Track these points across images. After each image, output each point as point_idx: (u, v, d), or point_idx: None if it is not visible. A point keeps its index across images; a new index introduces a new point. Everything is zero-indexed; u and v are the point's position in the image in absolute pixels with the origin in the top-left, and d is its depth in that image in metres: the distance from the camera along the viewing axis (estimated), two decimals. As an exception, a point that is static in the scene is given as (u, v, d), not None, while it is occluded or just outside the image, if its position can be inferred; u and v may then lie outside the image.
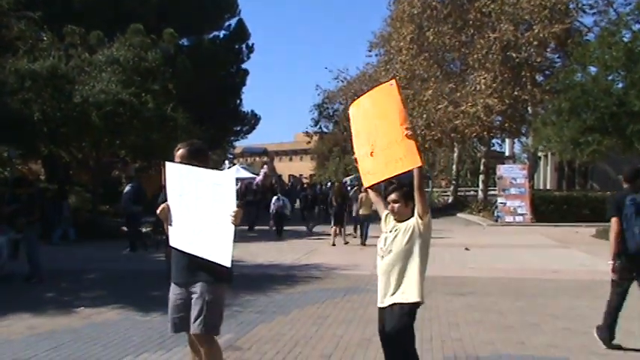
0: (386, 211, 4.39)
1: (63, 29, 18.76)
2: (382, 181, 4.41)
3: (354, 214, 17.76)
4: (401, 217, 4.25)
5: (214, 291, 4.27)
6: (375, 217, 11.55)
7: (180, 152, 4.36)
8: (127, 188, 16.32)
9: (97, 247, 15.65)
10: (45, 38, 18.15)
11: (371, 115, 4.34)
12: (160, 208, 4.36)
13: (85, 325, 7.51)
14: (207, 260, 4.09)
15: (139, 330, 7.09)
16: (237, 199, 4.08)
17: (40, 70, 16.28)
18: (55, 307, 8.53)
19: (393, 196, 4.26)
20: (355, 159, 4.53)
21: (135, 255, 14.65)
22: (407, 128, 3.97)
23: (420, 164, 3.99)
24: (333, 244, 16.74)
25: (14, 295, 9.54)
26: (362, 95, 4.64)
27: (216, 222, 4.05)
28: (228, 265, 4.00)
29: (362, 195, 16.42)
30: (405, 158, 3.99)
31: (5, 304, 8.56)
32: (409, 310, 4.11)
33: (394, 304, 4.11)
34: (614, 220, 6.19)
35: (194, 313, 4.23)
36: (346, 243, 17.26)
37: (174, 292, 4.38)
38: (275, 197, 20.68)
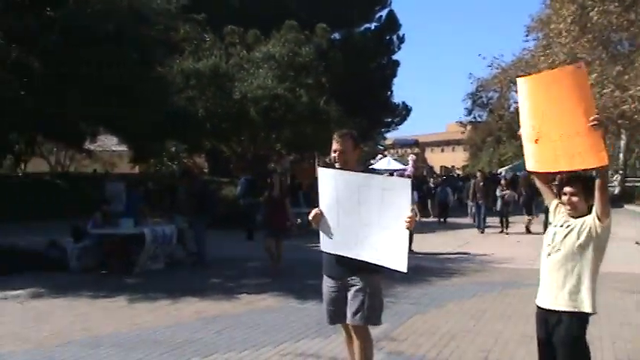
0: (556, 201, 3.88)
1: (223, 29, 19.76)
2: (553, 174, 3.99)
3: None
4: (576, 213, 3.71)
5: (372, 282, 4.28)
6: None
7: (335, 138, 4.36)
8: (242, 181, 16.97)
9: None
10: (207, 39, 19.23)
11: (545, 98, 3.80)
12: (312, 214, 4.32)
13: (247, 310, 7.86)
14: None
15: (297, 317, 7.30)
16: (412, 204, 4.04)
17: (204, 69, 17.32)
18: (220, 293, 9.01)
19: (570, 189, 3.71)
20: (519, 135, 3.99)
21: (251, 243, 15.14)
22: (594, 119, 3.47)
23: (606, 163, 3.48)
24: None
25: (183, 280, 10.20)
26: (538, 73, 4.21)
27: (386, 227, 3.98)
28: (405, 270, 3.94)
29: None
30: (585, 154, 3.50)
31: (176, 290, 9.18)
32: (579, 321, 3.66)
33: (563, 312, 3.67)
34: None
35: (354, 305, 4.24)
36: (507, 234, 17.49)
37: (328, 284, 4.42)
38: (439, 188, 21.97)
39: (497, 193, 18.27)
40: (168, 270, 11.23)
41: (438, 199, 22.41)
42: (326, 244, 4.32)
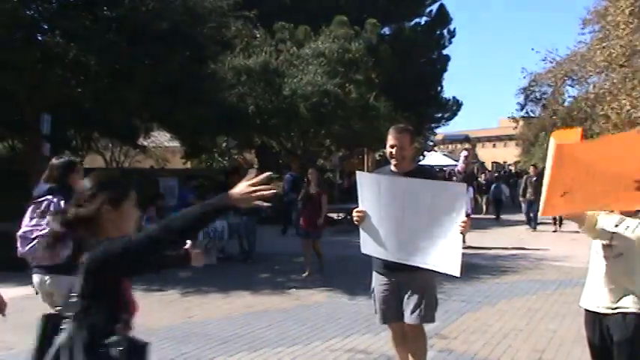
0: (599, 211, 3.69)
1: (273, 25, 19.88)
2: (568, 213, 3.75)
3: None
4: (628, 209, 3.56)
5: (428, 280, 4.25)
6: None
7: (392, 134, 4.31)
8: (287, 177, 17.06)
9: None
10: (258, 35, 19.38)
11: (589, 162, 3.28)
12: (357, 214, 4.21)
13: (296, 305, 7.93)
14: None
15: (346, 313, 7.32)
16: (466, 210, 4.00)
17: (254, 66, 17.48)
18: (270, 287, 9.11)
19: None
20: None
21: (285, 237, 15.51)
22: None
23: None
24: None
25: (234, 275, 10.35)
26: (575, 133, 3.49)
27: (438, 232, 3.93)
28: (458, 275, 3.91)
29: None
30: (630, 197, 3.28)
31: (227, 284, 9.32)
32: None
33: (627, 312, 3.50)
34: None
35: (411, 303, 4.23)
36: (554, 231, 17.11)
37: (379, 282, 4.39)
38: (493, 184, 22.35)
39: None
40: (219, 264, 11.38)
41: (492, 195, 22.21)
42: (367, 247, 4.26)
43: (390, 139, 4.29)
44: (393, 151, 4.27)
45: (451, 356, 5.66)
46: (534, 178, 17.82)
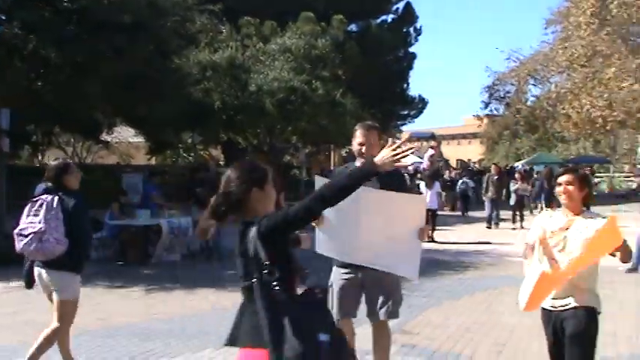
0: (543, 218, 3.98)
1: (239, 20, 19.76)
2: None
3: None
4: (571, 202, 3.77)
5: (394, 276, 4.28)
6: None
7: (360, 131, 4.29)
8: None
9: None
10: (223, 30, 19.25)
11: None
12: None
13: (261, 301, 7.88)
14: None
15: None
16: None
17: (220, 61, 17.35)
18: (235, 284, 9.00)
19: (566, 178, 3.79)
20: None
21: None
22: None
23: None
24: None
25: (198, 272, 10.26)
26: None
27: (397, 238, 4.05)
28: (417, 280, 4.12)
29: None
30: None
31: (191, 280, 9.23)
32: (593, 315, 3.68)
33: (578, 307, 3.66)
34: None
35: (379, 300, 4.27)
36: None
37: (341, 277, 4.33)
38: (460, 181, 22.46)
39: (511, 187, 18.14)
40: (184, 261, 11.29)
41: (459, 192, 22.46)
42: (322, 247, 4.25)
43: (358, 137, 4.27)
44: (362, 148, 4.25)
45: (414, 351, 5.69)
46: (496, 177, 17.90)
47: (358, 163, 4.33)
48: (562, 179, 3.82)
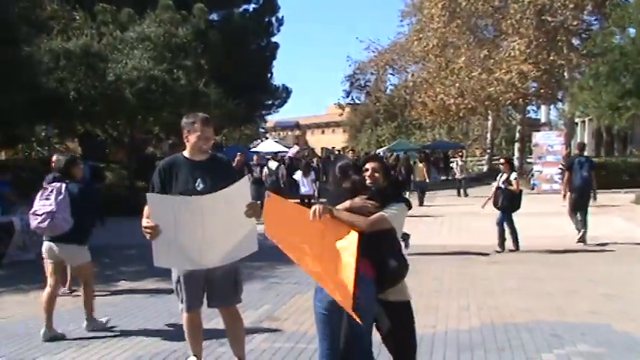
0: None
1: (94, 8, 18.89)
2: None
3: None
4: (376, 186, 3.92)
5: (235, 264, 4.45)
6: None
7: (198, 125, 4.44)
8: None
9: (133, 223, 15.92)
10: (77, 17, 18.32)
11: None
12: (148, 231, 4.15)
13: (126, 298, 7.70)
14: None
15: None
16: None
17: (74, 49, 16.45)
18: (99, 281, 8.71)
19: (372, 164, 3.95)
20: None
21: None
22: None
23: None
24: None
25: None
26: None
27: (233, 227, 4.18)
28: (256, 248, 4.23)
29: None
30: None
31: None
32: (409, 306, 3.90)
33: (395, 301, 3.82)
34: None
35: (225, 287, 4.44)
36: None
37: (185, 271, 4.42)
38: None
39: None
40: (40, 261, 10.69)
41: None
42: (162, 260, 4.27)
43: (200, 130, 4.40)
44: (208, 142, 4.44)
45: (282, 336, 5.81)
46: None
47: (187, 153, 4.48)
48: (368, 165, 3.94)
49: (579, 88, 20.33)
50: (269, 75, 33.34)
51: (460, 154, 23.61)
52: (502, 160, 12.28)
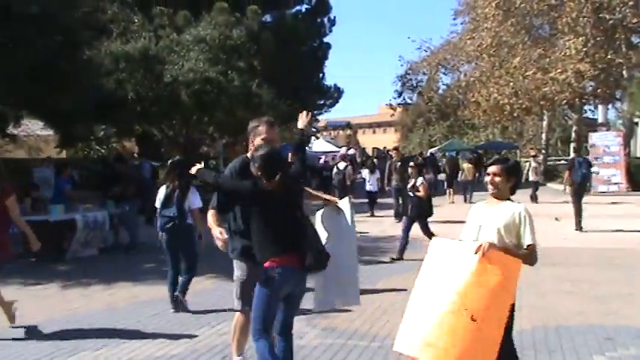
0: None
1: (152, 11, 19.40)
2: None
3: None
4: (499, 192, 4.00)
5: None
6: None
7: (263, 128, 4.49)
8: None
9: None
10: (136, 20, 18.84)
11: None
12: (222, 239, 4.46)
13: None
14: None
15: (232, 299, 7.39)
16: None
17: (133, 52, 16.98)
18: (155, 277, 9.00)
19: (493, 169, 3.98)
20: None
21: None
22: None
23: None
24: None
25: (116, 266, 10.13)
26: None
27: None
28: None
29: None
30: None
31: (110, 274, 9.12)
32: None
33: None
34: None
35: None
36: None
37: (246, 270, 4.62)
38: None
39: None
40: (101, 256, 11.11)
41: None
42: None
43: (263, 132, 4.46)
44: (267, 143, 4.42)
45: (334, 334, 5.91)
46: (399, 163, 16.13)
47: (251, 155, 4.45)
48: (490, 170, 3.99)
49: (638, 87, 19.79)
50: (321, 75, 33.50)
51: (534, 154, 23.26)
52: (411, 164, 11.31)
